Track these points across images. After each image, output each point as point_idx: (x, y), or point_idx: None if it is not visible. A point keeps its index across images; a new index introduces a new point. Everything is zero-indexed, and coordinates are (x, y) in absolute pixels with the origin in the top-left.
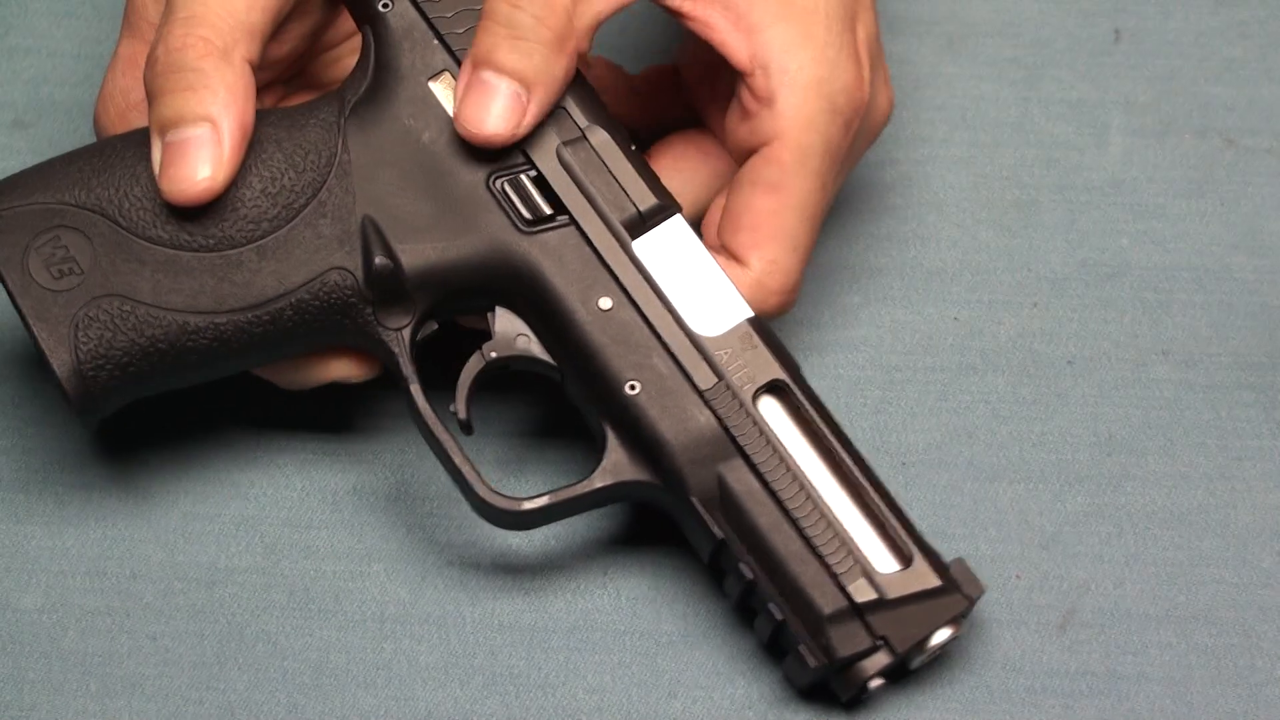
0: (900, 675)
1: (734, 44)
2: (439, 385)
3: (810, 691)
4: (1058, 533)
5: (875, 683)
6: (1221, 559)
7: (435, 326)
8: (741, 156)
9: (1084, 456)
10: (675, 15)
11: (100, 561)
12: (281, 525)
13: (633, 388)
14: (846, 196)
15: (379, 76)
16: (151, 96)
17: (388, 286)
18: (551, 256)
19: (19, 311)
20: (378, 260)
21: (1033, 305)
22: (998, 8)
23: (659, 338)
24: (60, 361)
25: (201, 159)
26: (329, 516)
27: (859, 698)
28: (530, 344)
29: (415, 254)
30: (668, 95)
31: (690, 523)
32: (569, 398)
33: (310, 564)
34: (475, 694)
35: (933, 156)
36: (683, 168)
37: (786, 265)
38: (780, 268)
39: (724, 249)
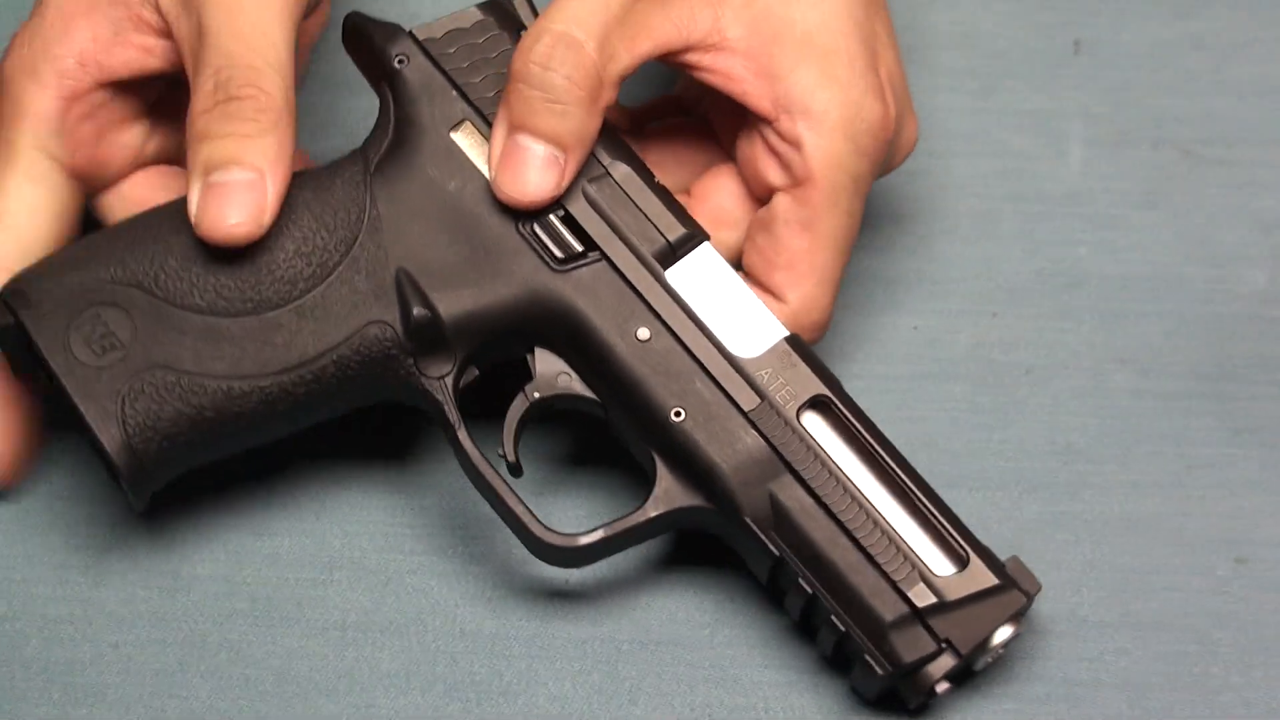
0: (966, 677)
1: (756, 92)
2: (477, 422)
3: (879, 701)
4: (1015, 540)
5: (942, 686)
6: (1177, 566)
7: (477, 373)
8: (763, 190)
9: (1041, 465)
10: (693, 70)
11: (63, 570)
12: (244, 533)
13: (678, 414)
14: None
15: (400, 131)
16: (201, 136)
17: (427, 336)
18: (586, 293)
19: (65, 392)
20: (416, 311)
21: (991, 315)
22: (956, 19)
23: (699, 363)
24: (109, 437)
25: (243, 203)
26: (291, 524)
27: (927, 703)
28: (572, 382)
29: (452, 302)
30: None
31: (746, 544)
32: (613, 432)
33: (273, 572)
34: (436, 701)
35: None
36: (674, 148)
37: (822, 300)
38: (816, 303)
39: (760, 286)
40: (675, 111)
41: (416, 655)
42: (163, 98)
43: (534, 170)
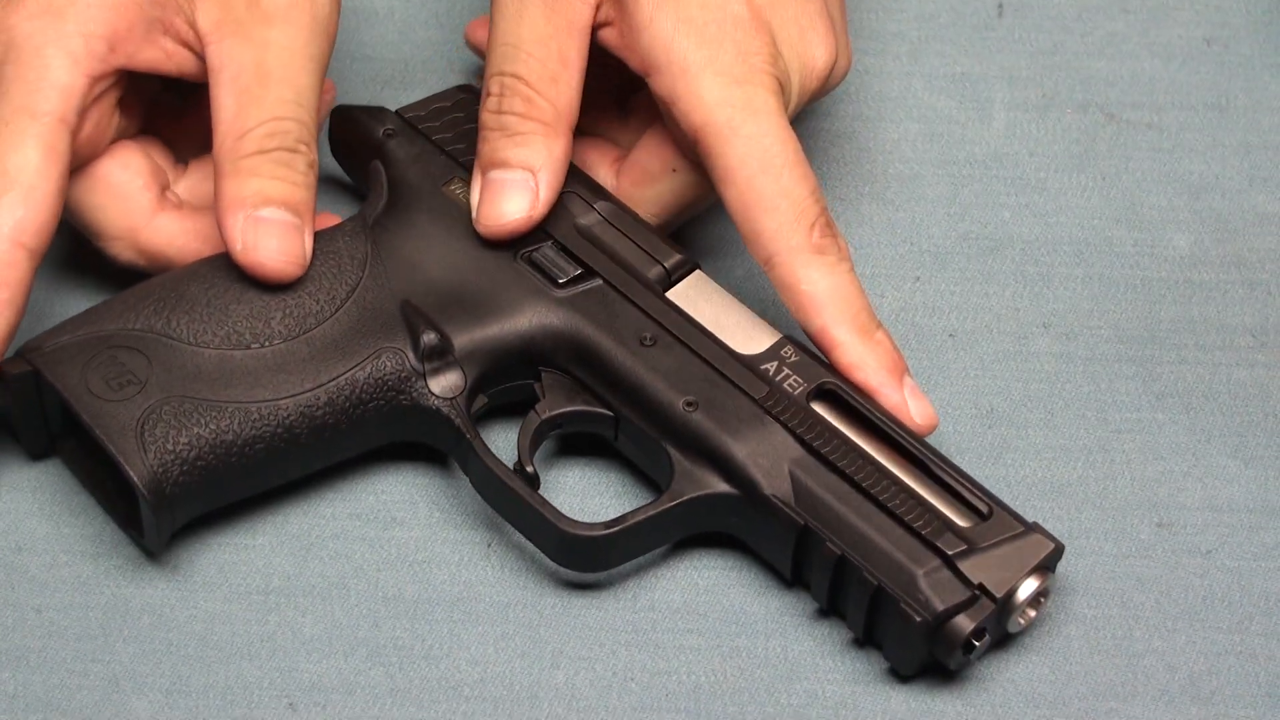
0: (1001, 642)
1: (629, 48)
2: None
3: (907, 678)
4: None
5: (980, 642)
6: (1100, 530)
7: (485, 401)
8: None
9: (965, 429)
10: (602, 42)
11: None
12: None
13: (689, 405)
14: None
15: (394, 193)
16: (252, 172)
17: (437, 359)
18: (587, 309)
19: (83, 424)
20: (425, 336)
21: (914, 279)
22: None
23: (705, 359)
24: (129, 459)
25: (289, 242)
26: None
27: (965, 662)
28: (579, 399)
29: (459, 325)
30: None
31: (768, 527)
32: (622, 449)
33: (195, 535)
34: (359, 665)
35: (816, 130)
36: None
37: (795, 219)
38: (797, 231)
39: (771, 270)
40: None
41: (339, 619)
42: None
43: (507, 196)
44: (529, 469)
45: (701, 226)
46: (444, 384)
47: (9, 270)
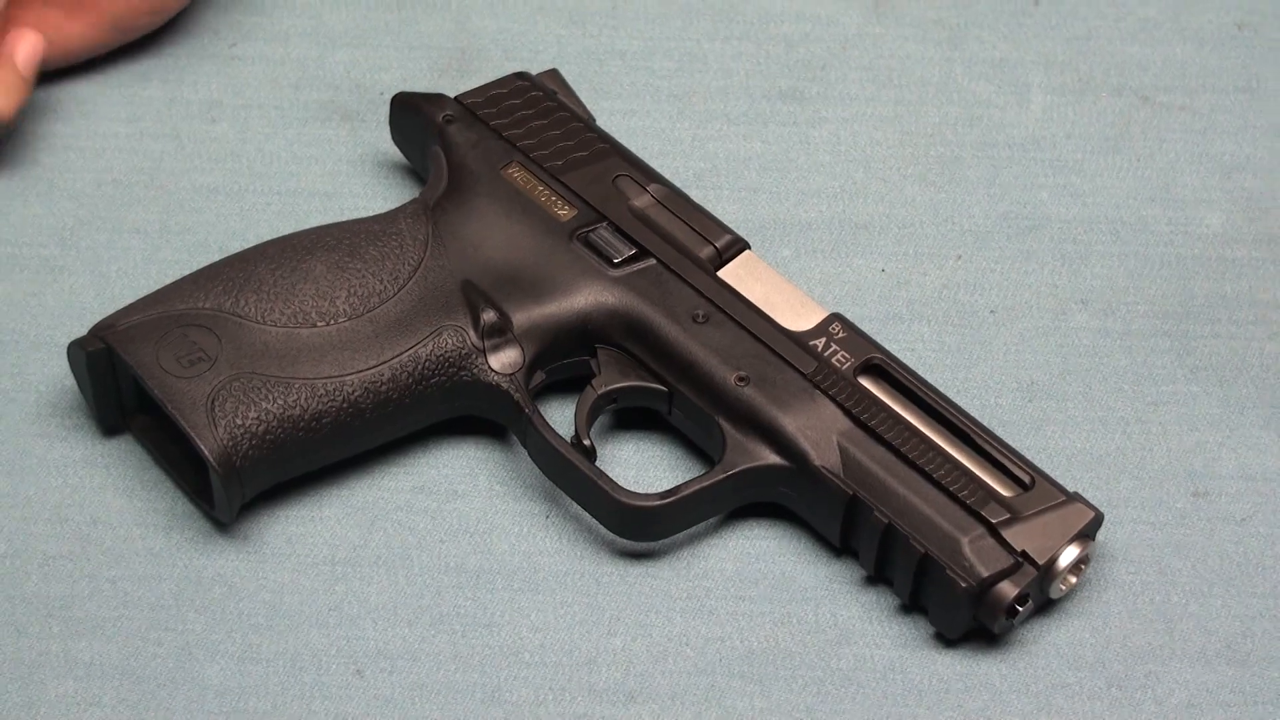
0: (1043, 607)
1: None
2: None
3: (953, 642)
4: None
5: (1023, 607)
6: (1139, 499)
7: (544, 377)
8: None
9: (1006, 402)
10: None
11: (62, 509)
12: None
13: (741, 380)
14: (778, 153)
15: (454, 177)
16: None
17: (497, 336)
18: (641, 287)
19: (155, 397)
20: (485, 314)
21: (956, 257)
22: None
23: (756, 336)
24: (200, 433)
25: None
26: None
27: (1009, 627)
28: (634, 374)
29: (517, 304)
30: None
31: (818, 495)
32: (676, 423)
33: (263, 508)
34: (423, 633)
35: (860, 115)
36: None
37: None
38: None
39: None
40: None
41: (403, 589)
42: None
43: None
44: (586, 442)
45: (750, 209)
46: (503, 360)
47: None
